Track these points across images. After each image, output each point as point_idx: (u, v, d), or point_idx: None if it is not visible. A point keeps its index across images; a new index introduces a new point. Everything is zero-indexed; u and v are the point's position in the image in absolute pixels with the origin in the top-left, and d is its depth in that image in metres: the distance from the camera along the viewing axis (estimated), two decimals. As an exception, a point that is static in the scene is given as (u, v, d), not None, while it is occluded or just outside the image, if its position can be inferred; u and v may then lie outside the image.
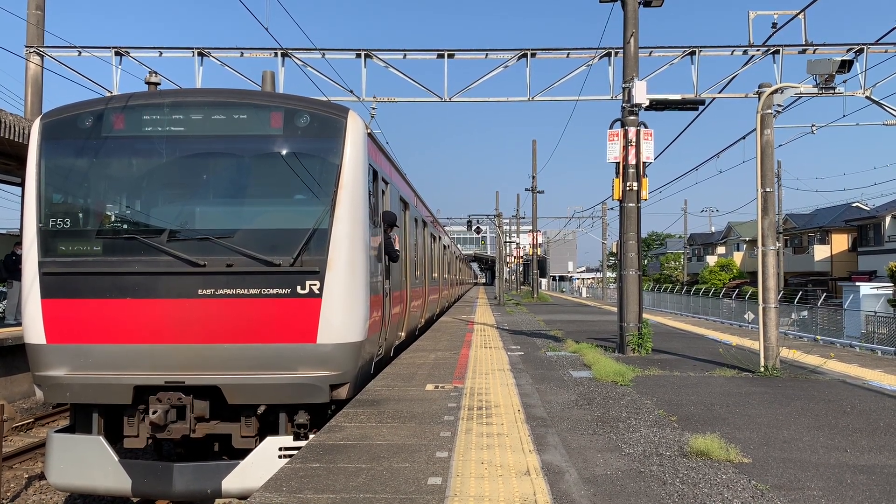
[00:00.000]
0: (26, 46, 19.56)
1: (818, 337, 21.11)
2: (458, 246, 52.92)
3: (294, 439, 7.02)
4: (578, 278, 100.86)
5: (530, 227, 48.13)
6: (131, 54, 20.15)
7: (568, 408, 7.19)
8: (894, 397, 7.93)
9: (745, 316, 28.81)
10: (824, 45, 20.06)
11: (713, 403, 7.44)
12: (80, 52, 20.07)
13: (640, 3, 12.01)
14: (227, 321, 7.07)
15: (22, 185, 16.43)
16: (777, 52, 20.14)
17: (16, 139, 13.99)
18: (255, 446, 7.07)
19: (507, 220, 58.94)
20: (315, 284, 7.12)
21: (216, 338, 7.06)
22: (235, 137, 7.52)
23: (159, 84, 8.36)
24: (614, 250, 39.36)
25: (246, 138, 7.53)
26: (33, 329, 7.23)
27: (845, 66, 9.84)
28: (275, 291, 7.10)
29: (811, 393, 8.10)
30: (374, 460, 5.11)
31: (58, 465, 7.12)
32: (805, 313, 27.65)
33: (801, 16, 18.76)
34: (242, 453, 7.13)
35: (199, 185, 7.74)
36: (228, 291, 7.10)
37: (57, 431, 7.41)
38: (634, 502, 4.28)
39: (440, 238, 22.77)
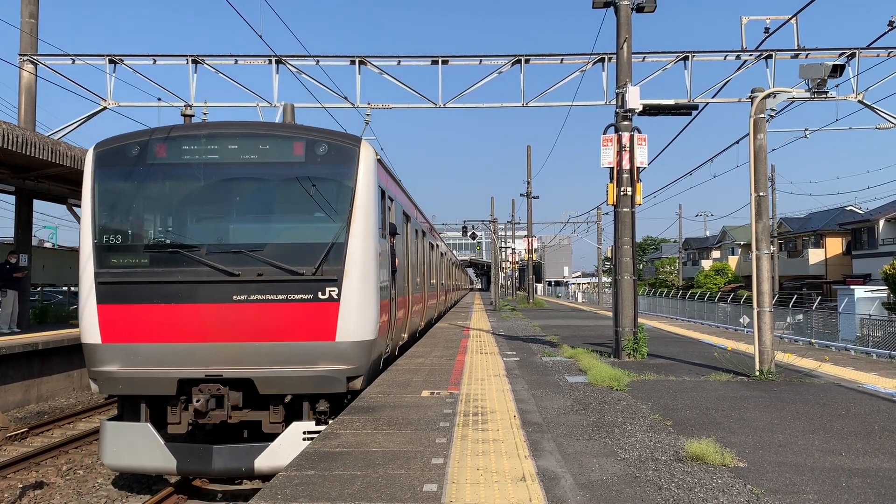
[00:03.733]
0: (20, 55, 19.55)
1: (813, 340, 21.16)
2: (454, 252, 52.92)
3: (316, 424, 8.00)
4: (574, 283, 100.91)
5: (525, 233, 48.18)
6: (125, 62, 20.16)
7: (563, 413, 7.19)
8: (889, 400, 7.94)
9: (741, 320, 28.85)
10: (816, 49, 20.20)
11: (708, 408, 7.44)
12: (73, 61, 20.06)
13: (632, 9, 12.05)
14: (258, 323, 8.13)
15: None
16: (770, 56, 20.26)
17: (9, 147, 13.95)
18: (282, 431, 8.07)
19: (503, 226, 59.02)
20: (334, 291, 8.23)
21: (249, 337, 8.12)
22: (263, 164, 8.66)
23: (193, 115, 9.94)
24: (609, 255, 39.42)
25: (272, 165, 8.66)
26: (90, 331, 8.25)
27: (837, 70, 9.88)
28: (299, 297, 8.21)
29: (806, 396, 8.11)
30: (369, 467, 5.10)
31: (111, 448, 8.20)
32: (800, 317, 27.71)
33: (793, 21, 18.87)
34: (268, 437, 8.11)
35: (232, 205, 8.87)
36: (259, 297, 8.18)
37: (108, 420, 8.50)
38: (630, 507, 4.27)
39: (437, 246, 23.58)
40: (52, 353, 14.87)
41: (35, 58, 19.61)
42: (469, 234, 50.28)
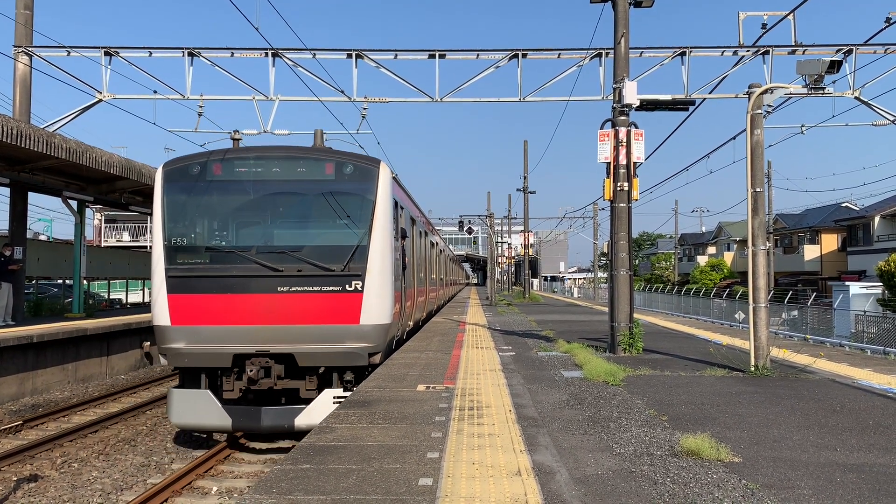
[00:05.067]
0: (14, 46, 19.44)
1: (808, 336, 21.20)
2: (450, 246, 52.94)
3: (343, 391, 9.81)
4: (570, 278, 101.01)
5: (522, 228, 48.17)
6: (121, 54, 20.06)
7: (559, 408, 7.19)
8: (883, 396, 7.97)
9: (736, 315, 28.90)
10: (814, 45, 20.19)
11: (704, 403, 7.45)
12: (69, 52, 19.96)
13: (630, 4, 12.03)
14: (297, 309, 9.98)
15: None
16: (767, 52, 20.25)
17: (4, 139, 13.89)
18: (316, 396, 9.93)
19: (499, 221, 59.01)
20: (358, 283, 10.11)
21: (290, 320, 9.95)
22: (300, 181, 10.57)
23: (241, 139, 12.73)
24: (605, 250, 39.44)
25: (308, 182, 10.55)
26: (161, 315, 10.14)
27: (834, 66, 9.87)
28: (330, 288, 10.08)
29: (801, 392, 8.13)
30: (364, 461, 5.09)
31: (177, 410, 10.07)
32: (795, 313, 27.77)
33: (790, 17, 18.87)
34: (304, 402, 10.00)
35: (275, 214, 10.76)
36: (298, 288, 10.04)
37: (174, 388, 10.27)
38: (625, 502, 4.28)
39: (437, 244, 25.19)
40: (47, 346, 14.83)
41: (30, 49, 19.50)
42: (465, 228, 50.14)
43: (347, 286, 10.06)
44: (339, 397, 9.57)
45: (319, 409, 9.61)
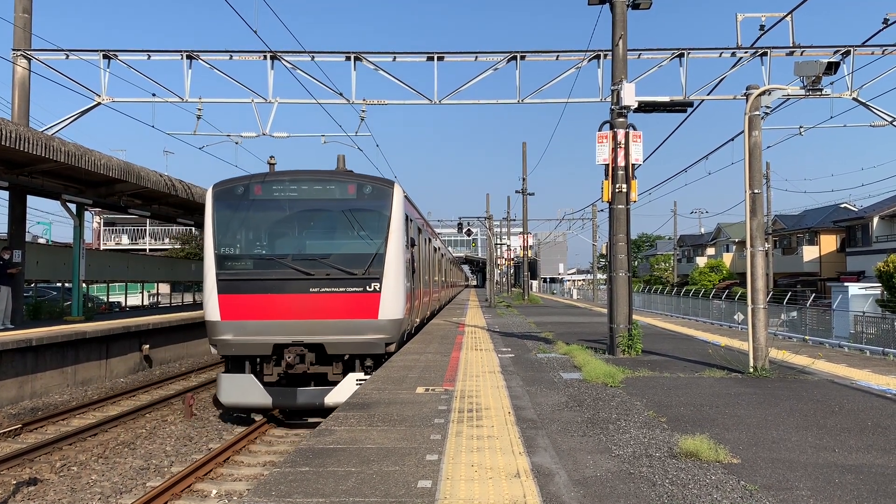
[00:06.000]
0: (13, 49, 19.45)
1: (807, 337, 21.23)
2: (449, 248, 52.93)
3: (364, 374, 11.78)
4: (569, 280, 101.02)
5: (521, 230, 48.17)
6: (119, 57, 20.05)
7: (558, 409, 7.20)
8: (882, 397, 7.97)
9: (735, 317, 28.93)
10: (812, 47, 20.20)
11: (703, 404, 7.46)
12: (67, 55, 19.96)
13: (628, 6, 12.04)
14: (326, 306, 11.88)
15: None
16: (765, 54, 20.26)
17: (2, 142, 13.89)
18: (342, 379, 11.85)
19: (498, 223, 58.99)
20: (377, 285, 12.00)
21: (320, 315, 11.85)
22: (327, 200, 12.47)
23: (275, 164, 13.77)
24: (604, 252, 39.43)
25: (334, 200, 12.46)
26: (212, 312, 11.94)
27: (832, 67, 9.89)
28: (353, 289, 11.97)
29: (800, 393, 8.13)
30: (363, 464, 5.09)
31: (226, 391, 11.94)
32: (794, 314, 27.80)
33: (788, 18, 18.89)
34: (331, 384, 11.91)
35: (307, 227, 12.71)
36: (327, 289, 11.95)
37: (223, 373, 12.20)
38: (624, 504, 4.28)
39: (438, 248, 26.82)
40: (46, 350, 14.82)
41: (29, 53, 19.51)
42: (465, 230, 50.09)
43: (367, 287, 11.95)
44: (360, 380, 11.43)
45: (344, 389, 11.29)
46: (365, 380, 10.59)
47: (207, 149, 25.76)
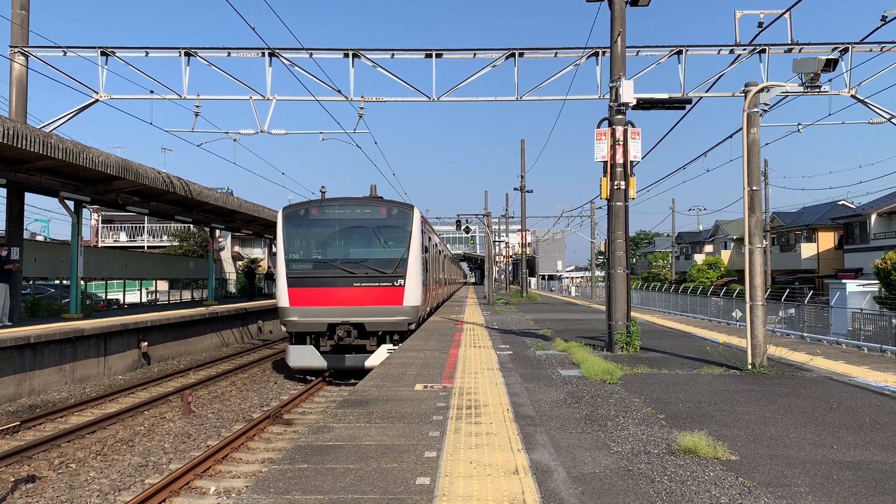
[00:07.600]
0: (10, 46, 19.38)
1: (805, 334, 21.23)
2: (448, 246, 52.95)
3: (392, 346, 15.91)
4: (567, 277, 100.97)
5: (519, 227, 48.17)
6: (117, 54, 20.00)
7: (556, 406, 7.20)
8: (880, 394, 7.99)
9: (733, 314, 28.93)
10: (810, 44, 20.18)
11: (701, 401, 7.47)
12: (65, 53, 19.90)
13: (626, 3, 12.03)
14: (365, 296, 16.17)
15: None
16: (763, 51, 20.24)
17: (0, 140, 13.85)
18: (376, 349, 16.16)
19: (497, 220, 58.99)
20: (401, 281, 16.28)
21: (361, 303, 16.13)
22: (365, 219, 16.91)
23: (326, 191, 19.55)
24: (603, 249, 39.42)
25: (370, 219, 16.89)
26: (284, 300, 16.24)
27: (830, 64, 9.89)
28: (385, 284, 16.23)
29: (798, 390, 8.15)
30: (362, 461, 5.10)
31: (293, 358, 16.47)
32: (792, 311, 27.79)
33: (786, 15, 18.88)
34: (368, 352, 16.24)
35: (351, 239, 16.94)
36: (366, 284, 16.21)
37: (290, 344, 16.58)
38: (623, 500, 4.29)
39: (441, 250, 30.36)
40: (44, 347, 14.81)
41: (26, 50, 19.46)
42: (463, 228, 50.10)
43: (395, 282, 16.23)
44: (390, 349, 15.38)
45: (378, 356, 15.60)
46: (393, 349, 14.40)
47: (205, 146, 25.80)
